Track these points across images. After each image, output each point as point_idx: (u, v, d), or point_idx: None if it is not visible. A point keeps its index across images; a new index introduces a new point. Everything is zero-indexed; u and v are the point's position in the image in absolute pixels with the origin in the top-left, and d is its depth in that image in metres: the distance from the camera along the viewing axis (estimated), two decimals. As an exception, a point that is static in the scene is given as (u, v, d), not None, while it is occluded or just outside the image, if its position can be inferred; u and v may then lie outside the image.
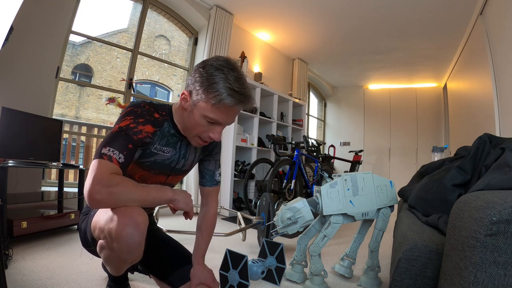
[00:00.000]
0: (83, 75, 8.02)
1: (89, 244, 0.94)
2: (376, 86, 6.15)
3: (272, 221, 1.40)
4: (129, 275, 1.23)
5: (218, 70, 0.79)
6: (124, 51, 3.24)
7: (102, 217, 0.79)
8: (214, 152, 1.07)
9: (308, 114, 5.73)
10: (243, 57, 3.70)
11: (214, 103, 0.79)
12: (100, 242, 0.83)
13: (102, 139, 3.28)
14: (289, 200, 2.30)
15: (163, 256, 1.02)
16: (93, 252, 0.97)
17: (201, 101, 0.81)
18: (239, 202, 3.34)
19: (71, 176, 3.35)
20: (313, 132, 6.25)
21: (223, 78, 0.78)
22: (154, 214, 1.78)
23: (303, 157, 3.58)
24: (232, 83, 0.78)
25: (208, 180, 1.06)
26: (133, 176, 0.90)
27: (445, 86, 5.29)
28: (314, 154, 3.75)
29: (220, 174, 1.09)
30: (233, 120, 0.88)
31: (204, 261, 1.03)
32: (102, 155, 0.73)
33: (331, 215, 1.25)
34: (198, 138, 0.88)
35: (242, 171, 3.31)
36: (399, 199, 1.45)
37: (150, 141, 0.86)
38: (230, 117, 0.85)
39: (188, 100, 0.84)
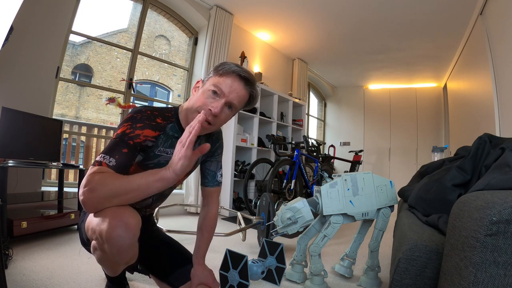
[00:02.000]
0: (83, 75, 8.01)
1: (86, 243, 0.95)
2: (376, 86, 6.15)
3: (272, 221, 1.40)
4: (129, 275, 1.23)
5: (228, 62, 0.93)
6: (124, 51, 3.24)
7: (95, 218, 0.79)
8: (216, 153, 1.09)
9: (308, 114, 5.73)
10: (243, 57, 3.70)
11: (222, 73, 0.88)
12: (93, 243, 0.82)
13: (102, 139, 3.31)
14: (289, 200, 2.30)
15: (163, 256, 1.02)
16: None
17: (211, 77, 0.90)
18: (239, 202, 3.34)
19: (71, 176, 3.34)
20: (313, 132, 6.25)
21: (232, 63, 0.92)
22: (154, 214, 1.78)
23: (303, 157, 3.58)
24: (239, 65, 0.91)
25: (210, 180, 1.07)
26: None
27: (445, 86, 5.29)
28: (314, 154, 3.75)
29: (221, 175, 1.10)
30: (236, 98, 0.88)
31: (205, 261, 1.03)
32: (94, 162, 0.77)
33: (331, 215, 1.25)
34: (197, 115, 0.86)
35: (242, 171, 3.31)
36: (399, 199, 1.45)
37: (153, 144, 0.88)
38: (234, 91, 0.87)
39: (200, 86, 0.92)
